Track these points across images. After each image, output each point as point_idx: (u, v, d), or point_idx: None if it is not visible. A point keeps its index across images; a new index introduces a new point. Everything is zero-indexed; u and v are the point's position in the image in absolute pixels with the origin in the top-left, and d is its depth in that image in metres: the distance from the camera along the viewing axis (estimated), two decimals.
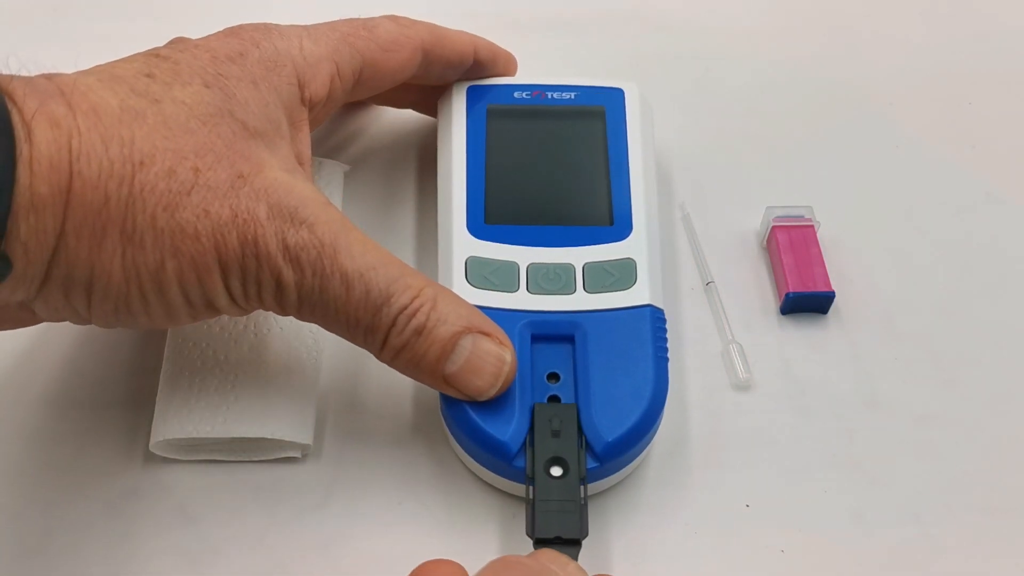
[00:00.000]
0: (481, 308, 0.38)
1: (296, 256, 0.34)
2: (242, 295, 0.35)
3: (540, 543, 0.35)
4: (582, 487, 0.36)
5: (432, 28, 0.44)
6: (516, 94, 0.46)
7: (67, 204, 0.31)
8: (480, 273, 0.40)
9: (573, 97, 0.46)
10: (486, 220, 0.42)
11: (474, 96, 0.46)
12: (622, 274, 0.40)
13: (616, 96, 0.46)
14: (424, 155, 0.50)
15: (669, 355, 0.40)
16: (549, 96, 0.46)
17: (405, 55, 0.42)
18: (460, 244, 0.41)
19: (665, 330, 0.40)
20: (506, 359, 0.37)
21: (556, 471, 0.36)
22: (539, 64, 0.49)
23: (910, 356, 0.44)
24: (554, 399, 0.38)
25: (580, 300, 0.40)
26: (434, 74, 0.45)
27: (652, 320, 0.39)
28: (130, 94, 0.33)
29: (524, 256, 0.41)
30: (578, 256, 0.41)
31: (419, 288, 0.36)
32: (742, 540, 0.39)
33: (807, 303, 0.44)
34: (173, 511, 0.39)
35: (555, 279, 0.40)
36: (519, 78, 0.47)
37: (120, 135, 0.32)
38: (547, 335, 0.39)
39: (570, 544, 0.35)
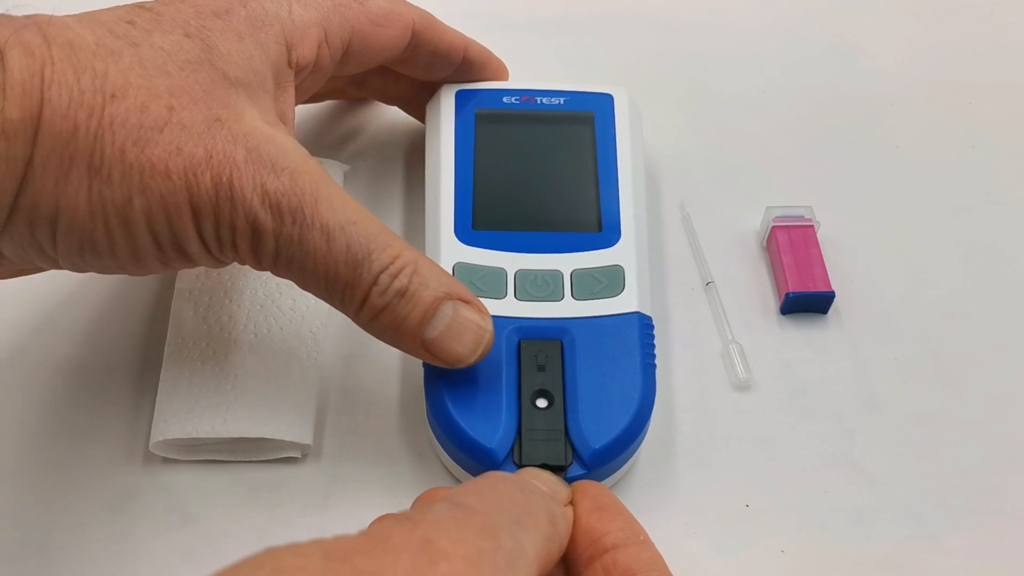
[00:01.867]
0: None
1: (276, 202, 0.33)
2: (215, 241, 0.34)
3: None
4: (565, 418, 0.37)
5: (425, 12, 0.44)
6: (505, 99, 0.46)
7: (36, 132, 0.30)
8: (468, 279, 0.40)
9: (562, 102, 0.46)
10: (474, 226, 0.42)
11: (463, 100, 0.46)
12: (610, 281, 0.40)
13: (605, 102, 0.46)
14: (411, 159, 0.50)
15: (668, 356, 0.39)
16: (538, 101, 0.46)
17: (395, 31, 0.42)
18: (448, 249, 0.41)
19: (653, 337, 0.40)
20: (486, 327, 0.36)
21: (541, 403, 0.37)
22: (535, 65, 0.49)
23: (910, 356, 0.44)
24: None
25: (568, 307, 0.39)
26: (422, 62, 0.44)
27: (640, 327, 0.39)
28: (108, 35, 0.33)
29: (512, 262, 0.41)
30: (566, 263, 0.41)
31: (399, 249, 0.35)
32: (742, 540, 0.39)
33: (807, 303, 0.44)
34: (173, 511, 0.39)
35: (543, 286, 0.40)
36: (508, 82, 0.47)
37: (93, 67, 0.32)
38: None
39: (555, 470, 0.36)
